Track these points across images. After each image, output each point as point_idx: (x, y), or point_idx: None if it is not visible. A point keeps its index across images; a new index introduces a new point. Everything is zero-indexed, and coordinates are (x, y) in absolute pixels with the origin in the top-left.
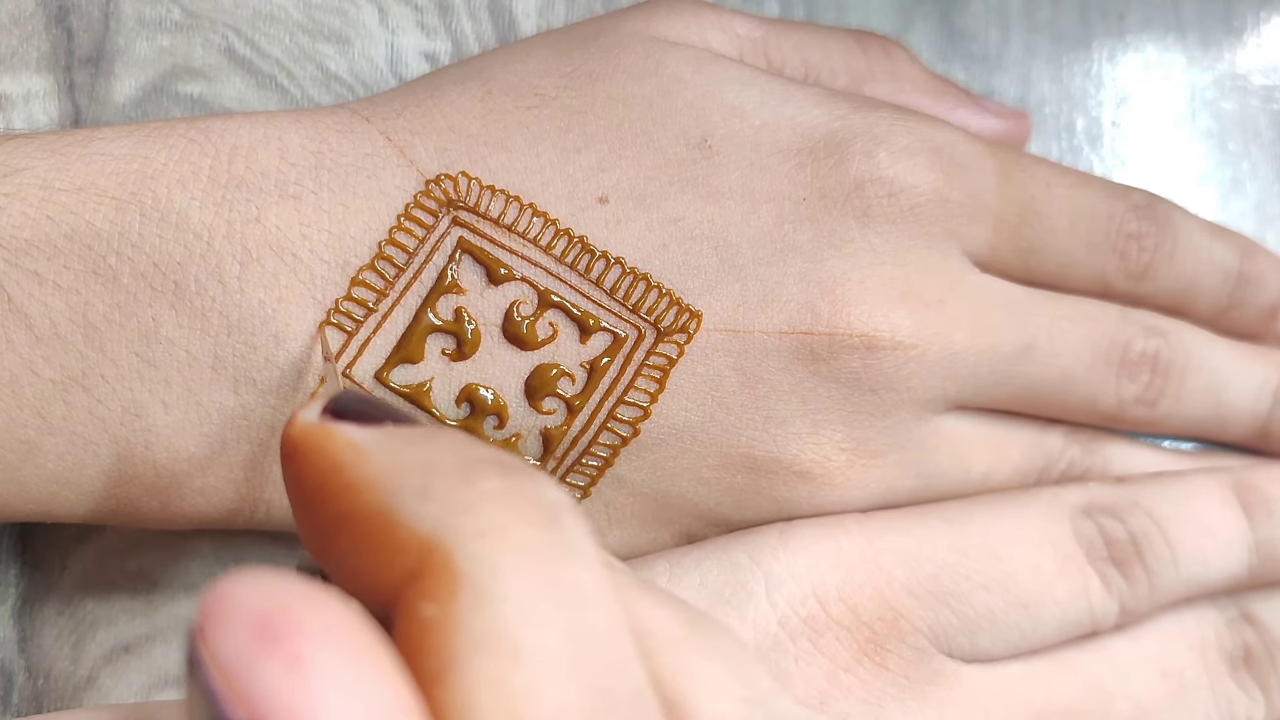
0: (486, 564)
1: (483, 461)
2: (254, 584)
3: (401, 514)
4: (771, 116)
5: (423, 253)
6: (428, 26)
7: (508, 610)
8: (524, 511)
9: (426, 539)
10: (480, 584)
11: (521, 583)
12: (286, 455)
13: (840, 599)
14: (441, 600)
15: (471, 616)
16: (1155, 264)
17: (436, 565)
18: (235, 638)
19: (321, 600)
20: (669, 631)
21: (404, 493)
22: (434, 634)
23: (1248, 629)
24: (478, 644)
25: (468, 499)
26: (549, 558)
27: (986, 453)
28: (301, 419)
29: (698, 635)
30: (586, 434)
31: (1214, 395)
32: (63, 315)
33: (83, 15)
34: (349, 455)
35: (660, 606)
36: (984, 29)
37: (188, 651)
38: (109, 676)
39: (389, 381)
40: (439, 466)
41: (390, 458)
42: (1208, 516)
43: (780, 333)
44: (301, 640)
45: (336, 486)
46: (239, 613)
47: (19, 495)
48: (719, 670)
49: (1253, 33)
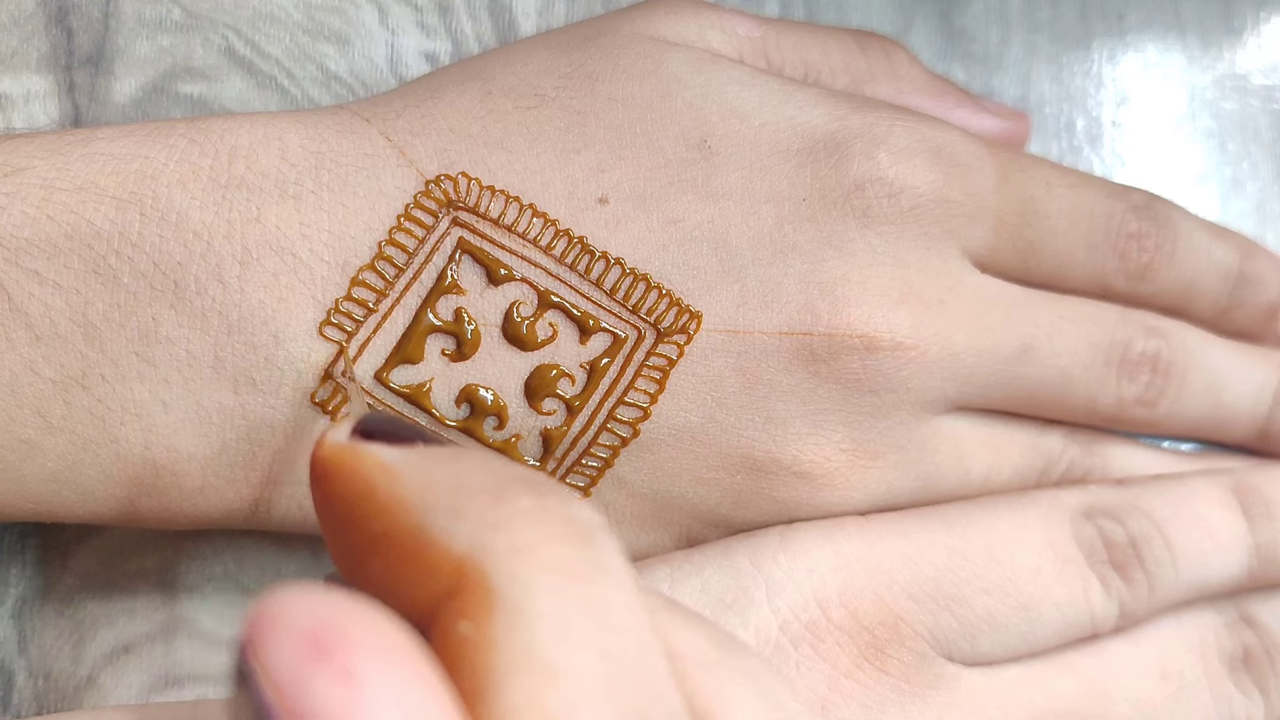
0: (521, 582)
1: (514, 480)
2: (304, 598)
3: (435, 533)
4: (771, 117)
5: (423, 253)
6: (428, 26)
7: (543, 630)
8: (557, 530)
9: (460, 558)
10: (515, 603)
11: (556, 602)
12: (316, 476)
13: (841, 604)
14: (477, 619)
15: (507, 636)
16: (1155, 264)
17: (471, 584)
18: (287, 652)
19: (370, 615)
20: (700, 653)
21: (437, 512)
22: (471, 653)
23: (1247, 631)
24: (514, 663)
25: (500, 517)
26: (583, 577)
27: (986, 453)
28: (331, 440)
29: (728, 656)
30: (586, 435)
31: (1214, 396)
32: (63, 315)
33: (83, 15)
34: (380, 476)
35: (690, 628)
36: (984, 29)
37: (237, 664)
38: (109, 676)
39: (389, 382)
40: (471, 485)
41: (422, 478)
42: (1207, 519)
43: (780, 333)
44: (353, 655)
45: (369, 507)
46: (290, 627)
47: (19, 495)
48: (749, 693)
49: (1253, 33)
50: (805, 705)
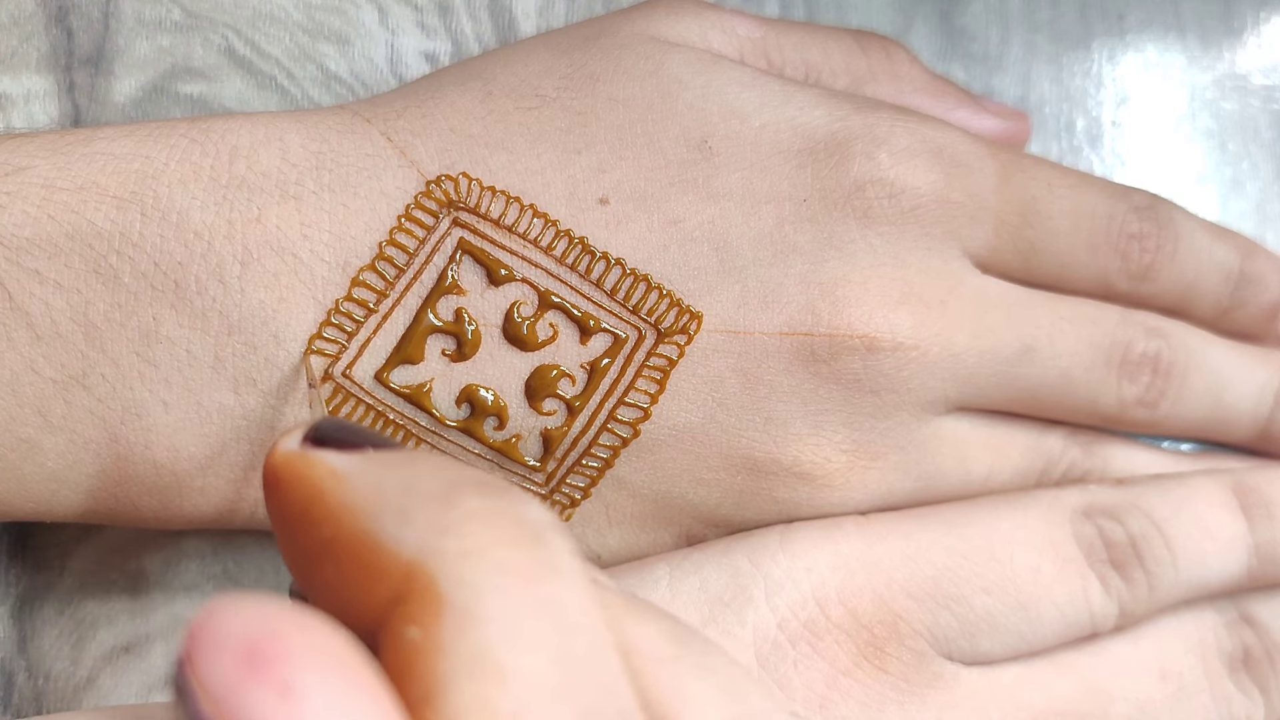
0: (470, 586)
1: (464, 483)
2: (241, 609)
3: (383, 538)
4: (772, 117)
5: (423, 253)
6: (428, 26)
7: (492, 632)
8: (506, 531)
9: (409, 562)
10: (464, 606)
11: (505, 604)
12: (269, 484)
13: (840, 602)
14: (426, 624)
15: (456, 639)
16: (1157, 265)
17: (420, 589)
18: (223, 665)
19: (310, 625)
20: (657, 649)
21: (385, 517)
22: (420, 658)
23: (1247, 631)
24: (464, 667)
25: (449, 521)
26: (532, 577)
27: (987, 454)
28: (282, 448)
29: (687, 652)
30: (587, 435)
31: (1215, 397)
32: (63, 314)
33: (83, 15)
34: (329, 482)
35: (648, 622)
36: (984, 29)
37: (175, 678)
38: (109, 676)
39: (389, 382)
40: (420, 490)
41: (371, 483)
42: (1207, 519)
43: (781, 334)
44: (291, 667)
45: (318, 513)
46: (227, 639)
47: (19, 494)
48: (709, 688)
49: (1253, 33)
50: (804, 704)
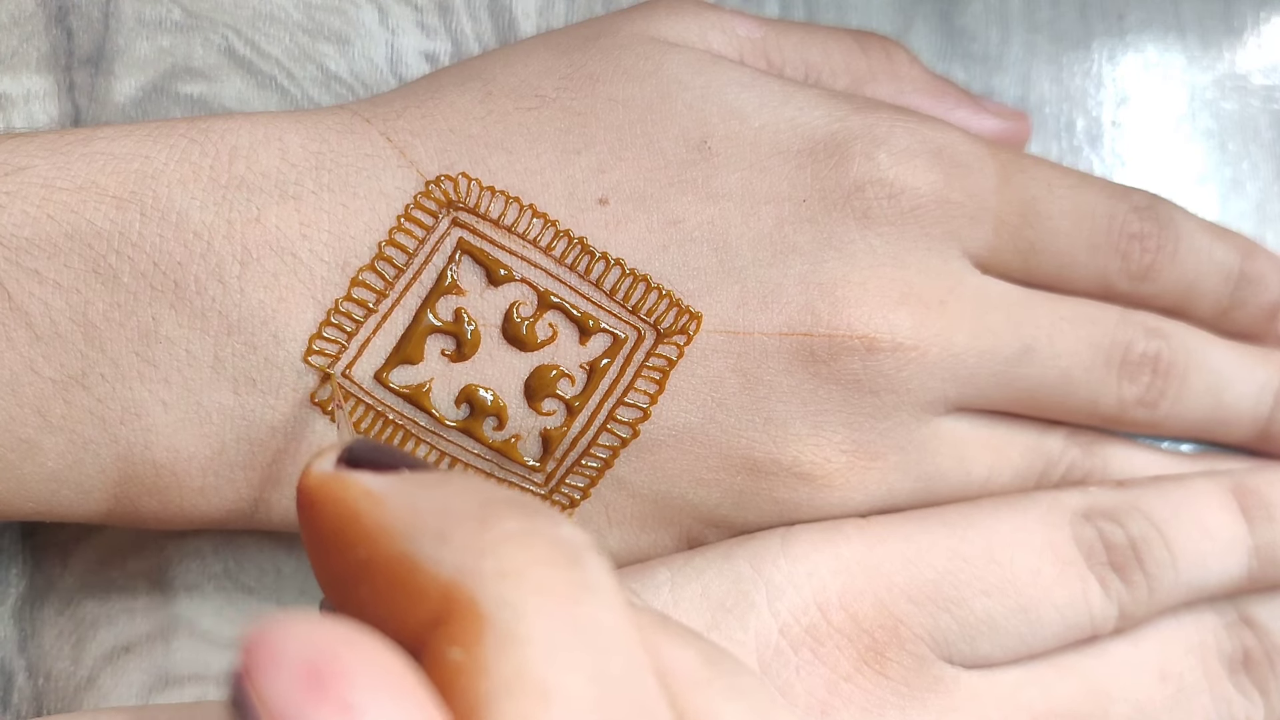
0: (509, 606)
1: (500, 503)
2: (301, 627)
3: (421, 559)
4: (771, 118)
5: (422, 253)
6: (428, 26)
7: (533, 653)
8: (544, 552)
9: (448, 583)
10: (504, 627)
11: (545, 624)
12: (303, 506)
13: (841, 607)
14: (467, 644)
15: (498, 660)
16: (1157, 265)
17: (460, 609)
18: (285, 684)
19: (366, 644)
20: (691, 671)
21: (423, 538)
22: (461, 678)
23: (1247, 632)
24: (506, 687)
25: (487, 542)
26: (571, 598)
27: (987, 455)
28: (316, 469)
29: (719, 675)
30: (586, 435)
31: (1215, 397)
32: (63, 314)
33: (83, 15)
34: (365, 503)
35: (682, 645)
36: (984, 29)
37: (233, 694)
38: (109, 676)
39: (388, 382)
40: (456, 510)
41: (407, 504)
42: (1207, 520)
43: (780, 334)
44: (351, 686)
45: (354, 535)
46: (288, 657)
47: (19, 494)
48: (741, 711)
49: (1253, 33)
50: (805, 710)
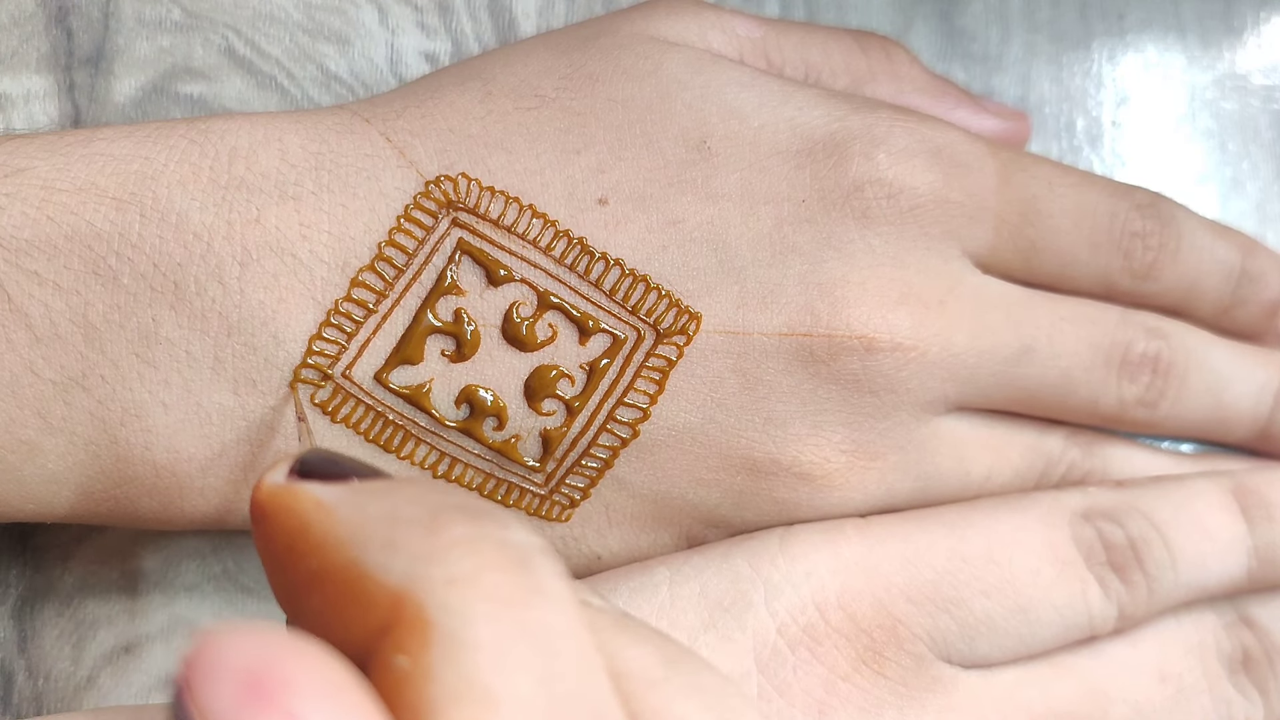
0: (457, 613)
1: (448, 509)
2: (242, 638)
3: (370, 568)
4: (770, 118)
5: (422, 254)
6: (428, 26)
7: (480, 659)
8: (492, 557)
9: (396, 591)
10: (452, 633)
11: (493, 630)
12: (255, 518)
13: (839, 606)
14: (414, 652)
15: (445, 667)
16: (1160, 262)
17: (407, 617)
18: (225, 694)
19: (311, 654)
20: (648, 671)
21: (371, 546)
22: (409, 686)
23: (1246, 632)
24: (453, 694)
25: (434, 548)
26: (519, 602)
27: (987, 455)
28: (268, 481)
29: (678, 673)
30: (586, 435)
31: (1215, 397)
32: (63, 316)
33: (83, 15)
34: (315, 513)
35: (639, 643)
36: (984, 29)
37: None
38: (109, 676)
39: (388, 383)
40: (405, 518)
41: (356, 513)
42: (1207, 521)
43: (780, 334)
44: (293, 696)
45: (304, 545)
46: (228, 668)
47: (19, 495)
48: (699, 709)
49: (1253, 33)
50: (802, 709)
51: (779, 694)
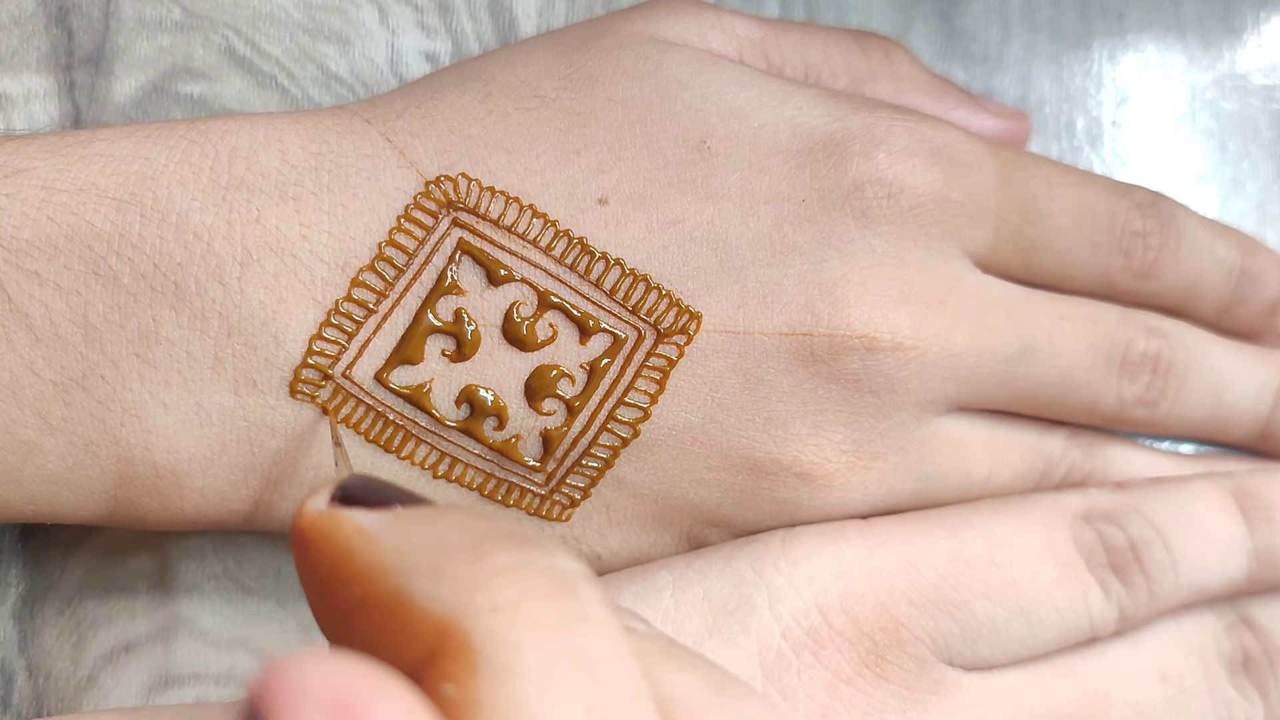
0: (503, 641)
1: (492, 536)
2: (325, 665)
3: (415, 596)
4: (770, 118)
5: (422, 254)
6: (428, 26)
7: (528, 687)
8: (537, 584)
9: (442, 619)
10: (498, 661)
11: (540, 658)
12: (297, 546)
13: (842, 610)
14: (461, 680)
15: (492, 695)
16: (1160, 262)
17: (454, 645)
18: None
19: (385, 680)
20: (693, 698)
21: (416, 574)
22: (457, 714)
23: (1247, 634)
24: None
25: (479, 576)
26: (565, 630)
27: (987, 455)
28: (309, 508)
29: (722, 700)
30: (586, 435)
31: (1215, 396)
32: (63, 316)
33: (83, 15)
34: (358, 541)
35: (684, 671)
36: (984, 29)
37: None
38: (109, 676)
39: (389, 383)
40: (449, 545)
41: (400, 540)
42: (1207, 522)
43: (780, 334)
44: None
45: (348, 573)
46: (314, 694)
47: (19, 496)
48: None
49: (1253, 33)
50: (806, 713)
51: (783, 698)
